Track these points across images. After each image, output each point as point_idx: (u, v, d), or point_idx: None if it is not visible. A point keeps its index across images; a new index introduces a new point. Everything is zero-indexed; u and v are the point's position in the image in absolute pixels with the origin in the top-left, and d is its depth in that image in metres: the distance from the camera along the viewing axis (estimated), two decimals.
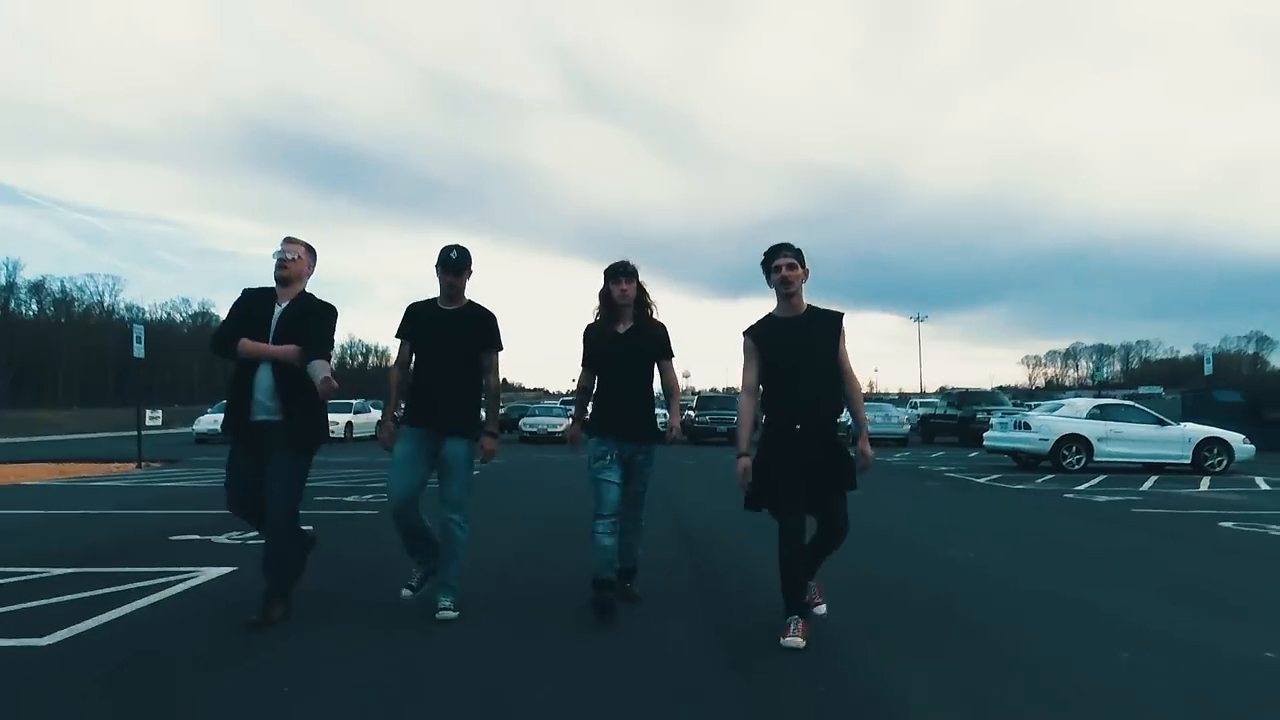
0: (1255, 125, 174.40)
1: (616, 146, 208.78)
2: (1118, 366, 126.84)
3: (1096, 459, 13.50)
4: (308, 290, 3.81)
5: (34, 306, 72.25)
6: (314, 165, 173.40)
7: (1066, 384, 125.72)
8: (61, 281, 73.63)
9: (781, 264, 3.48)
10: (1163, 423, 13.89)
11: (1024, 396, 48.05)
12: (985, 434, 15.74)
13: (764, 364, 3.54)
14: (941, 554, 5.78)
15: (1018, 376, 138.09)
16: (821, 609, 3.64)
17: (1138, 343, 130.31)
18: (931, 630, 3.68)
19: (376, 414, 23.66)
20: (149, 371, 57.05)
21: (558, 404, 29.15)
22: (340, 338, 2.93)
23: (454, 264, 3.73)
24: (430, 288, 3.92)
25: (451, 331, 3.77)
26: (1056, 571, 5.16)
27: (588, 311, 4.11)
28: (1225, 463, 13.42)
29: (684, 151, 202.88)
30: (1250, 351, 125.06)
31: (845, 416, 3.74)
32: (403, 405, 3.93)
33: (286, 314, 3.66)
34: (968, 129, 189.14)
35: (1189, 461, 13.41)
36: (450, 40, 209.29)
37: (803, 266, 3.53)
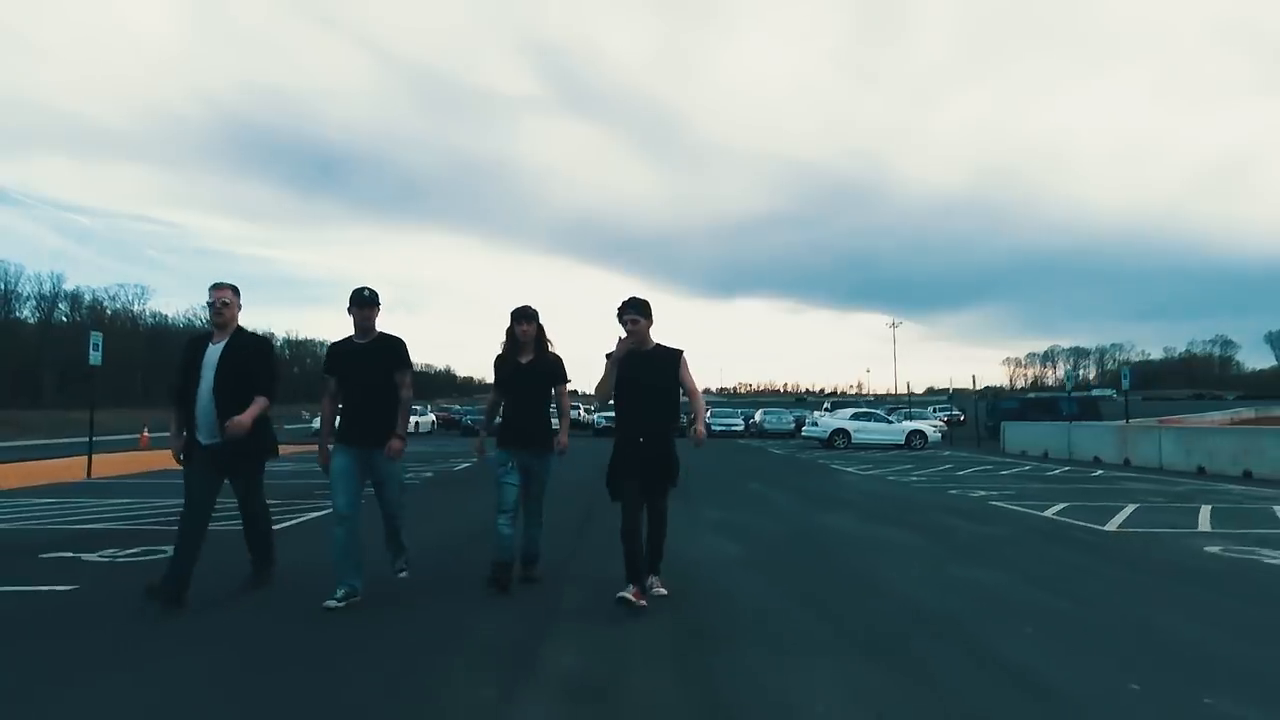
0: (1238, 127, 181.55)
1: (604, 145, 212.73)
2: (1093, 369, 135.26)
3: (854, 442, 24.54)
4: (240, 325, 4.52)
5: (67, 313, 76.85)
6: (299, 164, 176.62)
7: (1048, 383, 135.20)
8: (93, 291, 79.38)
9: (627, 319, 4.41)
10: (890, 422, 25.11)
11: (992, 397, 56.36)
12: (802, 428, 26.98)
13: (619, 383, 4.47)
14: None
15: (1004, 377, 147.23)
16: (660, 590, 4.52)
17: (1112, 345, 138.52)
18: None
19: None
20: (164, 375, 61.08)
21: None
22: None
23: (367, 300, 4.43)
24: (419, 288, 7.59)
25: (369, 361, 4.47)
26: (742, 474, 15.45)
27: (574, 310, 7.63)
28: (923, 443, 24.40)
29: (672, 150, 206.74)
30: (1217, 354, 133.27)
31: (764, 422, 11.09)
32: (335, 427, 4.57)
33: (227, 350, 4.37)
34: (955, 129, 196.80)
35: (904, 443, 24.40)
36: (436, 38, 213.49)
37: (647, 318, 4.45)
